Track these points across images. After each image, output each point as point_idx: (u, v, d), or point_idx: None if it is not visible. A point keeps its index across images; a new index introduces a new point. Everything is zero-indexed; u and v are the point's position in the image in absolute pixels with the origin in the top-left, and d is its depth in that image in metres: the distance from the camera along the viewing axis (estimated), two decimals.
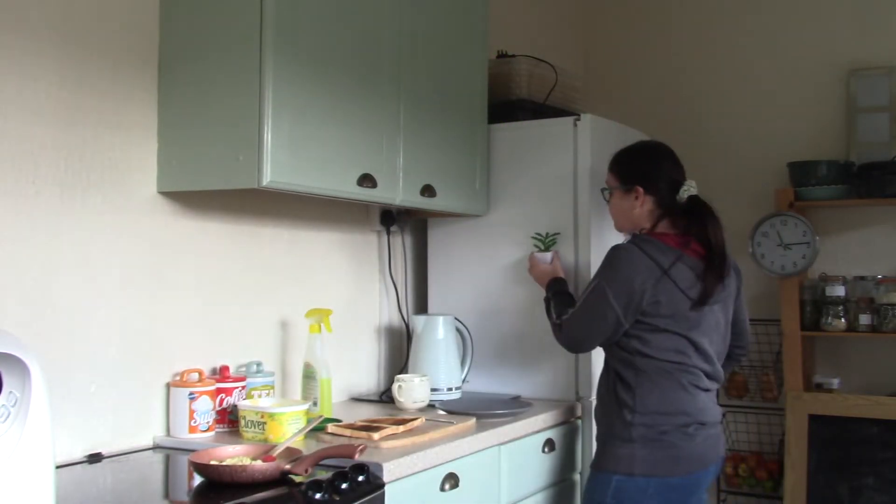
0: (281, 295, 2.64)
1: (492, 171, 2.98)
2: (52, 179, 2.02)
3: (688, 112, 4.08)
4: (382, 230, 3.01)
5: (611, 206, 2.57)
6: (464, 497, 2.24)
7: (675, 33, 4.18)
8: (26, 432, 1.38)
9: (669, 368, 2.35)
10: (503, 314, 2.95)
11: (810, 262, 3.61)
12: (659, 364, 2.35)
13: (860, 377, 3.73)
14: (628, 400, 2.36)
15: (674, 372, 2.35)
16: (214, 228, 2.43)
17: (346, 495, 1.79)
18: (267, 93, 2.08)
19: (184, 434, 2.22)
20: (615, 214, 2.57)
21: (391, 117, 2.51)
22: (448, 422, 2.38)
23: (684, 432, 2.34)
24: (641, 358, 2.35)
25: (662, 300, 2.32)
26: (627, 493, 2.32)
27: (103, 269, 2.13)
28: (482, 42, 2.97)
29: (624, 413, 2.36)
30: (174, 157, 2.23)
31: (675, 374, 2.35)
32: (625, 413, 2.35)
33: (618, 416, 2.37)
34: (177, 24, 2.23)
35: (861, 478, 3.46)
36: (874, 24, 3.78)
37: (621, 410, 2.37)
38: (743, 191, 3.93)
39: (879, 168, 3.51)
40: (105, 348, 2.13)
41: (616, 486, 2.33)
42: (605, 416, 2.45)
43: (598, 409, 2.50)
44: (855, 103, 3.76)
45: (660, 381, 2.35)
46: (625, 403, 2.36)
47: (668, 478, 2.33)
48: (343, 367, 2.84)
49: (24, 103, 1.96)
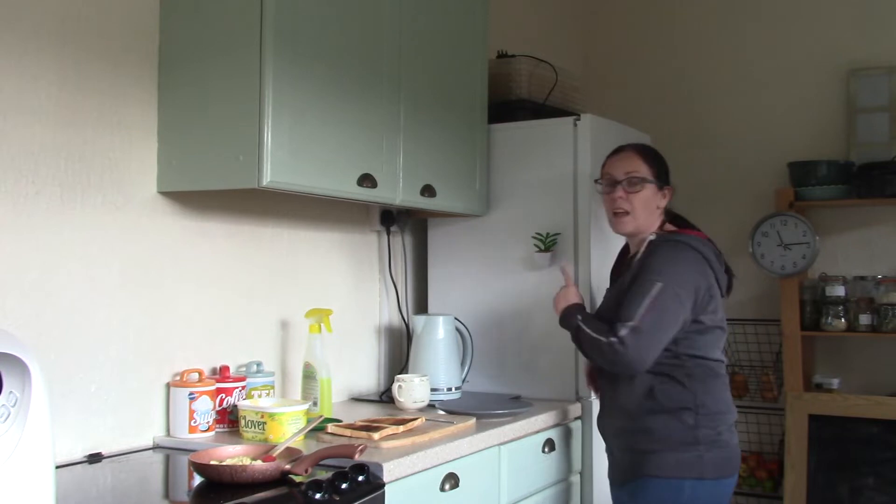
0: (281, 295, 2.64)
1: (492, 171, 2.98)
2: (52, 179, 2.02)
3: (688, 112, 4.08)
4: (382, 230, 3.01)
5: (637, 198, 2.40)
6: (464, 497, 2.24)
7: (675, 33, 4.18)
8: (26, 432, 1.38)
9: (715, 367, 2.35)
10: (503, 314, 2.95)
11: (810, 262, 3.61)
12: (708, 364, 2.33)
13: (860, 377, 3.72)
14: (687, 402, 2.28)
15: (718, 370, 2.36)
16: (214, 228, 2.43)
17: (346, 495, 1.79)
18: (267, 93, 2.08)
19: (184, 434, 2.22)
20: (640, 207, 2.40)
21: (391, 117, 2.51)
22: (448, 422, 2.38)
23: (732, 431, 2.35)
24: (691, 359, 2.31)
25: (714, 295, 2.32)
26: (702, 497, 2.28)
27: (103, 270, 2.13)
28: (482, 42, 2.97)
29: (684, 416, 2.28)
30: (174, 157, 2.23)
31: (719, 372, 2.36)
32: (685, 416, 2.28)
33: (676, 420, 2.28)
34: (177, 24, 2.23)
35: (861, 478, 3.46)
36: (874, 24, 3.78)
37: (680, 414, 2.28)
38: (743, 191, 3.93)
39: (879, 168, 3.51)
40: (105, 348, 2.13)
41: (690, 492, 2.26)
42: (652, 422, 2.30)
43: (636, 417, 2.33)
44: (855, 103, 3.76)
45: (710, 381, 2.33)
46: (683, 407, 2.28)
47: (730, 478, 2.33)
48: (343, 367, 2.84)
49: (24, 103, 1.96)
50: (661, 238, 2.37)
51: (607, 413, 2.49)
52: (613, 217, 2.45)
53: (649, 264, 2.30)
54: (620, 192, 2.41)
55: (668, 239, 2.36)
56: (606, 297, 2.52)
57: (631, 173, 2.41)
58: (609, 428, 2.48)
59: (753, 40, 4.00)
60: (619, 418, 2.40)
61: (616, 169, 2.45)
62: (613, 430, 2.45)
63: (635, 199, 2.40)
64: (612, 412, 2.45)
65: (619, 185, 2.42)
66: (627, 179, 2.41)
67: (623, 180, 2.42)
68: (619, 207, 2.42)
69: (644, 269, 2.31)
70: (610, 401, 2.46)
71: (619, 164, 2.45)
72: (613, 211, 2.44)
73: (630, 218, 2.41)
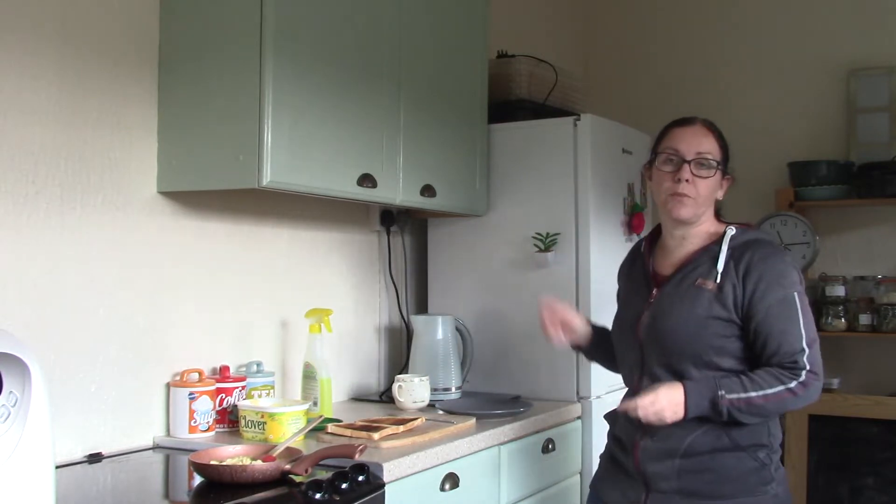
0: (281, 295, 2.64)
1: (492, 171, 2.98)
2: (52, 179, 2.02)
3: (688, 112, 4.01)
4: (382, 230, 3.01)
5: (705, 184, 2.01)
6: (464, 497, 2.24)
7: (674, 33, 4.18)
8: (26, 432, 1.39)
9: None
10: (503, 314, 2.94)
11: (810, 262, 3.61)
12: None
13: (860, 377, 3.72)
14: (763, 438, 1.97)
15: None
16: (214, 228, 2.43)
17: (346, 495, 1.79)
18: (267, 93, 2.08)
19: (184, 434, 2.22)
20: (706, 194, 2.01)
21: (391, 117, 2.51)
22: (448, 422, 2.37)
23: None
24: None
25: None
26: None
27: (103, 269, 2.13)
28: (482, 42, 2.97)
29: (760, 453, 1.96)
30: (174, 157, 2.23)
31: None
32: (760, 453, 1.96)
33: (750, 457, 1.95)
34: (177, 24, 2.23)
35: (861, 478, 3.46)
36: (874, 24, 3.78)
37: (756, 452, 1.95)
38: (743, 191, 3.89)
39: (879, 168, 3.51)
40: (105, 348, 2.13)
41: None
42: (722, 461, 1.94)
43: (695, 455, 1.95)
44: (855, 103, 3.76)
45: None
46: (761, 443, 1.96)
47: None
48: (343, 367, 2.84)
49: (24, 103, 1.96)
50: (750, 235, 2.02)
51: (654, 454, 2.00)
52: (671, 198, 2.01)
53: (769, 270, 1.93)
54: (687, 172, 2.00)
55: (760, 238, 2.03)
56: (640, 296, 2.07)
57: (703, 154, 2.02)
58: (657, 467, 1.99)
59: (753, 40, 4.00)
60: (671, 457, 1.97)
61: (685, 144, 2.03)
62: (663, 471, 1.98)
63: (702, 184, 2.00)
64: (662, 452, 1.98)
65: (687, 164, 2.00)
66: (698, 160, 2.01)
67: (692, 160, 2.01)
68: (684, 191, 1.99)
69: (764, 276, 1.92)
70: (663, 440, 1.98)
71: (690, 140, 2.04)
72: (674, 192, 2.01)
73: (692, 203, 2.00)
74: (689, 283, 1.98)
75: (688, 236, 2.05)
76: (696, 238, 2.05)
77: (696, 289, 1.97)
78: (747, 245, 1.98)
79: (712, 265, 1.97)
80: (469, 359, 2.90)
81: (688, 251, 2.04)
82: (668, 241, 2.09)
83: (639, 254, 2.18)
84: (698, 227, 2.04)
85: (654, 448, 1.99)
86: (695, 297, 1.96)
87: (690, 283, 1.98)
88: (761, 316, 1.91)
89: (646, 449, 2.00)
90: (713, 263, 1.97)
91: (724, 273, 1.95)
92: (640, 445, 2.01)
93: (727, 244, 1.98)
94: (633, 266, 2.20)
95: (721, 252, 1.97)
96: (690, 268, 2.00)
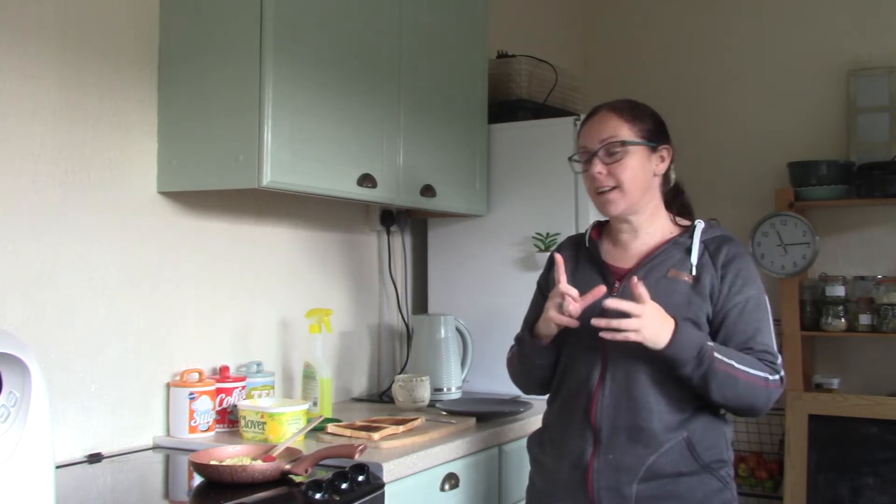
0: (281, 295, 2.64)
1: (492, 171, 2.98)
2: (52, 179, 2.02)
3: (688, 112, 4.08)
4: (382, 230, 3.01)
5: (621, 168, 1.85)
6: (464, 497, 2.24)
7: (674, 33, 4.18)
8: (26, 432, 1.38)
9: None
10: (503, 314, 2.94)
11: (810, 262, 3.61)
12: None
13: (860, 377, 3.73)
14: (723, 453, 1.86)
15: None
16: (214, 228, 2.43)
17: (346, 495, 1.79)
18: (267, 93, 2.08)
19: (184, 434, 2.22)
20: (629, 178, 1.85)
21: (391, 117, 2.51)
22: (448, 422, 2.38)
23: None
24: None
25: None
26: None
27: (103, 269, 2.13)
28: (482, 42, 2.97)
29: (722, 471, 1.85)
30: (174, 157, 2.23)
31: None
32: (721, 471, 1.85)
33: (714, 477, 1.84)
34: (177, 24, 2.23)
35: (861, 478, 3.46)
36: (874, 24, 3.78)
37: (719, 470, 1.85)
38: (743, 191, 3.93)
39: (879, 168, 3.51)
40: (105, 348, 2.13)
41: None
42: (686, 484, 1.82)
43: (661, 477, 1.81)
44: (855, 103, 3.76)
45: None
46: (722, 460, 1.86)
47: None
48: (343, 367, 2.84)
49: (24, 103, 1.96)
50: (720, 231, 1.93)
51: (610, 476, 1.82)
52: (598, 197, 1.89)
53: (745, 269, 1.85)
54: (598, 164, 1.87)
55: (730, 236, 1.93)
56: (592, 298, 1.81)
57: (606, 139, 1.87)
58: (613, 495, 1.82)
59: (753, 40, 4.00)
60: (630, 482, 1.81)
61: (590, 136, 1.90)
62: (621, 494, 1.81)
63: (619, 169, 1.85)
64: (622, 469, 1.82)
65: (596, 156, 1.88)
66: (604, 147, 1.87)
67: (598, 150, 1.87)
68: (602, 185, 1.87)
69: (741, 272, 1.85)
70: (620, 456, 1.82)
71: (594, 130, 1.90)
72: (596, 191, 1.89)
73: (618, 194, 1.86)
74: (659, 275, 1.86)
75: (641, 226, 1.93)
76: (655, 228, 1.93)
77: (669, 280, 1.85)
78: (722, 240, 1.89)
79: (685, 256, 1.87)
80: (469, 359, 2.90)
81: (651, 243, 1.92)
82: (620, 235, 1.95)
83: (581, 250, 2.01)
84: (649, 214, 1.92)
85: (609, 468, 1.82)
86: (668, 288, 1.84)
87: (661, 274, 1.86)
88: (737, 311, 1.84)
89: (599, 470, 1.82)
90: (686, 255, 1.88)
91: (700, 265, 1.86)
92: (593, 465, 1.84)
93: (699, 237, 1.89)
94: (577, 264, 1.99)
95: (694, 244, 1.88)
96: (660, 259, 1.88)
